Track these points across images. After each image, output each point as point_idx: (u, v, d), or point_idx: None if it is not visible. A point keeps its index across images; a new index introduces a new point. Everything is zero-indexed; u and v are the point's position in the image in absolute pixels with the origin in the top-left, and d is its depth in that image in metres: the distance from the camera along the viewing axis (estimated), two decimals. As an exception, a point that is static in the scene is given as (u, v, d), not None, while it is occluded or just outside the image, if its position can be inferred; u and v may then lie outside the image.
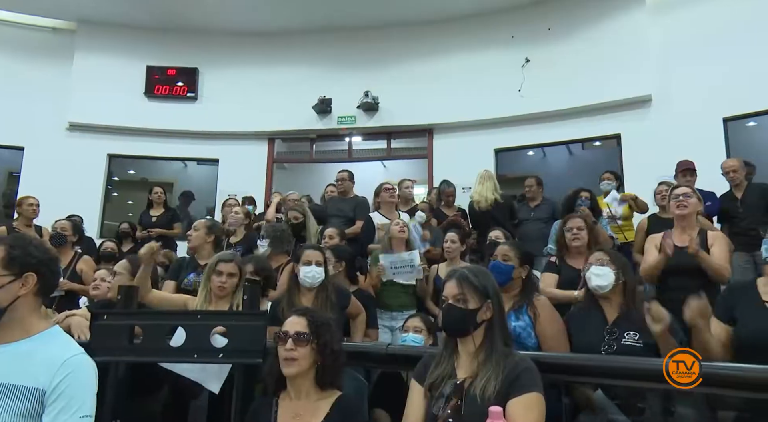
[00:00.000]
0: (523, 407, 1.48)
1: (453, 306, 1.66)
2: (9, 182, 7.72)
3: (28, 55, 7.38)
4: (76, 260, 4.17)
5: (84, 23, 7.45)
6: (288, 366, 1.71)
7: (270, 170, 7.72)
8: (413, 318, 2.84)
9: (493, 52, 7.09)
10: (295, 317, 1.82)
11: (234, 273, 2.65)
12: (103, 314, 2.16)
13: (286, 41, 7.72)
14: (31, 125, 7.16)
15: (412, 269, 3.62)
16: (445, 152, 7.25)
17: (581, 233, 3.08)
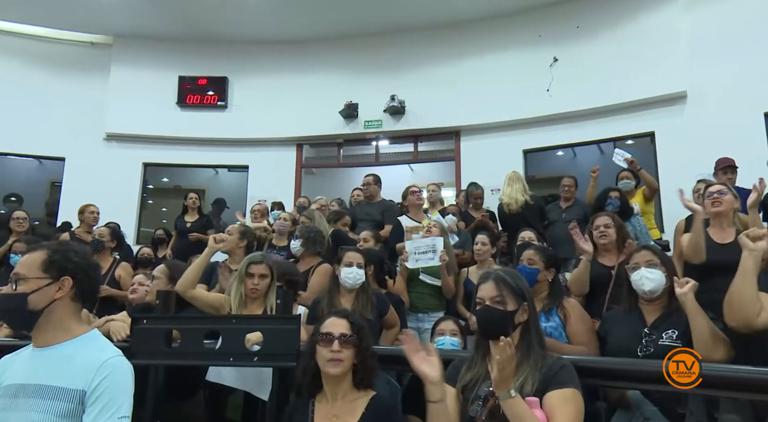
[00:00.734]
0: (561, 400, 1.48)
1: (491, 308, 1.65)
2: (52, 192, 8.05)
3: (68, 70, 7.69)
4: (114, 267, 4.30)
5: (120, 37, 7.72)
6: (334, 367, 1.74)
7: (298, 176, 7.82)
8: (447, 321, 2.81)
9: (520, 52, 7.02)
10: (337, 318, 1.85)
11: (265, 274, 2.69)
12: (142, 319, 2.23)
13: (313, 48, 7.83)
14: (72, 136, 7.45)
15: (433, 255, 3.60)
16: (472, 154, 7.21)
17: (608, 231, 3.02)
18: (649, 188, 4.89)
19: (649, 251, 2.29)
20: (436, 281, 3.73)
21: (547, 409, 1.47)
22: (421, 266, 3.62)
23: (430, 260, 3.58)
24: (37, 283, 1.42)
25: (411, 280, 3.73)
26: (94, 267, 1.54)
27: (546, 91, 6.68)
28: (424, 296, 3.72)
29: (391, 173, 7.35)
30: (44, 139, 7.39)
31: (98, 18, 7.24)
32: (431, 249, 3.59)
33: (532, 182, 6.95)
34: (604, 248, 3.04)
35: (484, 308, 1.66)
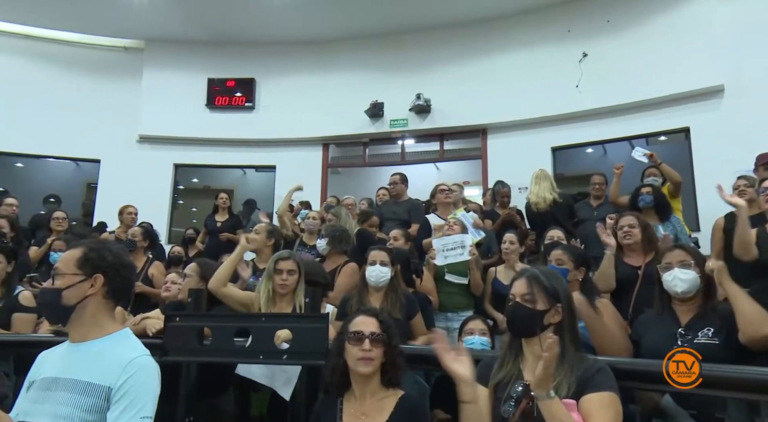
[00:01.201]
0: (598, 404, 1.44)
1: (520, 305, 1.63)
2: (88, 193, 8.31)
3: (103, 74, 7.92)
4: (147, 265, 4.42)
5: (151, 41, 7.92)
6: (365, 366, 1.74)
7: (325, 175, 7.87)
8: (475, 321, 2.79)
9: (548, 48, 6.90)
10: (366, 317, 1.85)
11: (293, 270, 2.73)
12: (175, 316, 2.28)
13: (338, 48, 7.87)
14: (106, 138, 7.67)
15: (462, 251, 3.57)
16: (499, 152, 7.13)
17: (633, 231, 2.96)
18: (672, 183, 4.72)
19: (682, 251, 2.22)
20: (462, 279, 3.70)
21: (584, 413, 1.43)
22: (450, 262, 3.60)
23: (459, 255, 3.56)
24: (71, 279, 1.47)
25: (437, 280, 3.70)
26: (127, 266, 1.56)
27: (575, 87, 6.55)
28: (453, 296, 3.68)
29: (416, 172, 7.32)
30: (80, 142, 7.62)
31: (131, 23, 7.44)
32: (460, 245, 3.56)
33: (561, 180, 6.82)
34: (629, 249, 2.98)
35: (513, 305, 1.64)
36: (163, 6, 6.97)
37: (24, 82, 7.55)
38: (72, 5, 7.04)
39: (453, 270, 3.68)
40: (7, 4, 7.07)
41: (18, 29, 7.61)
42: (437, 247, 3.64)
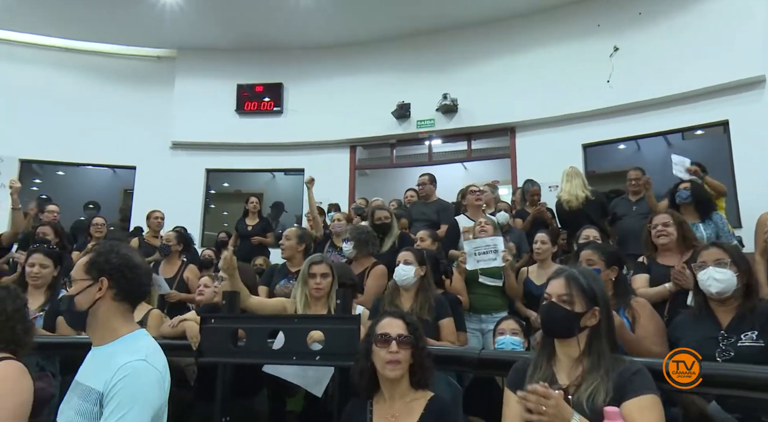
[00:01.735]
0: (640, 409, 1.40)
1: (556, 305, 1.58)
2: (124, 198, 8.59)
3: (137, 83, 8.17)
4: (183, 269, 4.53)
5: (183, 50, 8.13)
6: (393, 369, 1.74)
7: (352, 177, 7.92)
8: (507, 320, 2.76)
9: (577, 43, 6.78)
10: (392, 319, 1.84)
11: (327, 273, 2.76)
12: (210, 318, 2.33)
13: (364, 50, 7.91)
14: (141, 145, 7.91)
15: (495, 255, 3.49)
16: (528, 151, 7.03)
17: (667, 229, 2.85)
18: (716, 193, 4.47)
19: (719, 249, 2.12)
20: (496, 282, 3.64)
21: (627, 419, 1.38)
22: (482, 267, 3.53)
23: (492, 260, 3.48)
24: (81, 284, 1.48)
25: (470, 282, 3.65)
26: (133, 267, 1.51)
27: (606, 83, 6.41)
28: (486, 297, 3.62)
29: (444, 172, 7.28)
30: (117, 149, 7.88)
31: (163, 33, 7.66)
32: (492, 249, 3.49)
33: (593, 178, 6.68)
34: (664, 248, 2.88)
35: (549, 305, 1.59)
36: (193, 15, 7.15)
37: (63, 94, 7.85)
38: (108, 18, 7.29)
39: (487, 272, 3.63)
40: (48, 19, 7.37)
41: (58, 43, 7.93)
42: (468, 250, 3.58)
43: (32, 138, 7.44)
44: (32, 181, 8.29)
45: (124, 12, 7.11)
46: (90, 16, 7.27)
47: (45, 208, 5.35)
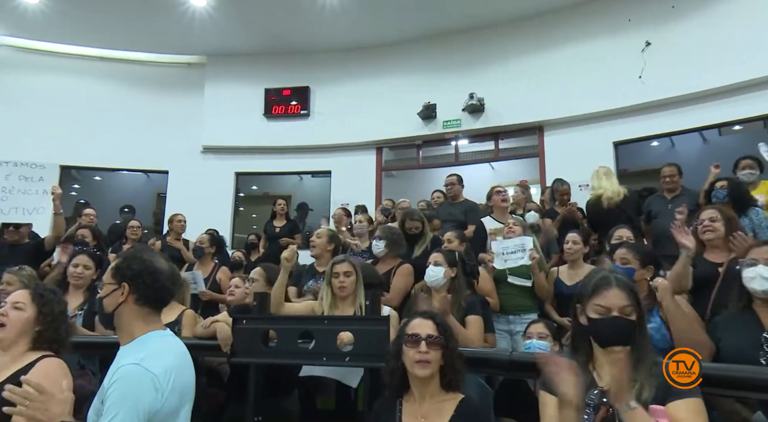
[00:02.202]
0: (688, 411, 1.37)
1: (621, 319, 1.50)
2: (158, 202, 8.82)
3: (168, 90, 8.39)
4: (215, 271, 4.63)
5: (212, 56, 8.31)
6: (422, 369, 1.74)
7: (379, 179, 7.94)
8: (536, 324, 2.73)
9: (607, 39, 6.63)
10: (422, 319, 1.85)
11: (349, 272, 2.78)
12: (242, 319, 2.38)
13: (389, 52, 7.92)
14: (173, 150, 8.11)
15: (523, 255, 3.46)
16: (557, 150, 6.91)
17: (714, 225, 2.75)
18: None
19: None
20: (525, 282, 3.60)
21: (673, 420, 1.36)
22: (510, 266, 3.51)
23: (519, 259, 3.47)
24: (108, 288, 1.55)
25: (499, 282, 3.62)
26: (152, 272, 1.54)
27: (638, 79, 6.25)
28: (514, 297, 3.59)
29: (471, 173, 7.23)
30: (150, 154, 8.10)
31: (193, 40, 7.84)
32: (520, 249, 3.47)
33: (624, 177, 6.53)
34: (711, 244, 2.78)
35: (613, 319, 1.50)
36: (222, 22, 7.30)
37: (100, 102, 8.12)
38: (141, 27, 7.52)
39: (516, 272, 3.59)
40: (85, 30, 7.64)
41: (94, 52, 8.21)
42: (496, 250, 3.57)
43: (71, 145, 7.71)
44: (71, 186, 8.61)
45: (156, 21, 7.31)
46: (124, 25, 7.51)
47: (82, 212, 5.55)
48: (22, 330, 1.79)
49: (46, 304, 1.86)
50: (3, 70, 7.89)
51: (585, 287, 1.60)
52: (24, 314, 1.81)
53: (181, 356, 1.56)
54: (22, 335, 1.79)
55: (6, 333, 1.77)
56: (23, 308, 1.82)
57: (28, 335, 1.81)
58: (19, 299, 1.84)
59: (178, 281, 1.65)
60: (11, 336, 1.77)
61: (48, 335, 1.83)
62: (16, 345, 1.78)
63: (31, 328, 1.81)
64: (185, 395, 1.51)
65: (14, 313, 1.80)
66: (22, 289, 1.92)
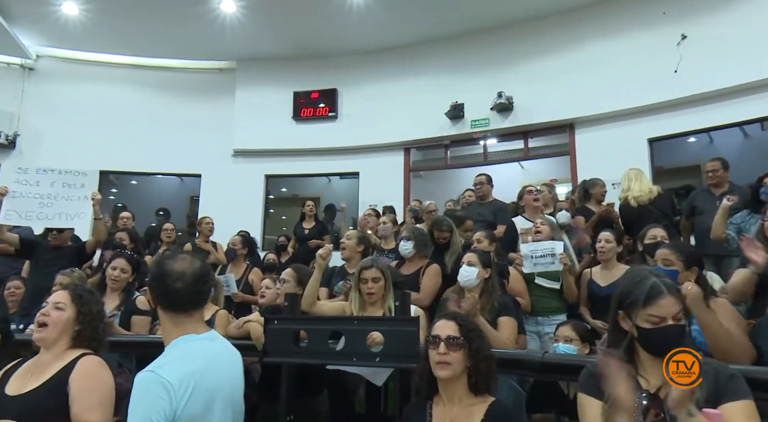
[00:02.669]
0: (743, 413, 1.34)
1: (676, 326, 1.45)
2: (191, 205, 9.05)
3: (200, 95, 8.59)
4: (248, 272, 4.72)
5: (242, 61, 8.46)
6: (441, 370, 1.73)
7: (407, 179, 7.93)
8: (563, 327, 2.68)
9: (641, 33, 6.44)
10: (445, 320, 1.83)
11: (378, 277, 2.79)
12: (273, 320, 2.41)
13: (416, 53, 7.91)
14: (205, 154, 8.30)
15: (553, 260, 3.40)
16: (589, 147, 6.76)
17: None
18: None
19: None
20: (553, 284, 3.54)
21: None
22: (539, 270, 3.47)
23: (550, 264, 3.41)
24: (147, 293, 1.63)
25: (527, 283, 3.58)
26: (163, 277, 1.54)
27: (673, 73, 6.05)
28: (543, 299, 3.54)
29: (500, 172, 7.15)
30: (183, 158, 8.30)
31: (224, 46, 8.00)
32: (550, 253, 3.41)
33: (660, 174, 6.35)
34: None
35: (667, 328, 1.45)
36: (251, 28, 7.44)
37: (134, 108, 8.37)
38: (173, 34, 7.73)
39: (544, 274, 3.54)
40: (120, 39, 7.90)
41: (129, 61, 8.48)
42: (525, 253, 3.52)
43: (109, 150, 7.97)
44: (109, 190, 8.91)
45: (188, 28, 7.50)
46: (158, 34, 7.73)
47: (119, 215, 5.74)
48: (63, 329, 1.87)
49: (85, 304, 1.93)
50: (46, 80, 8.23)
51: (630, 295, 1.52)
52: (65, 314, 1.89)
53: (210, 360, 1.52)
54: (63, 334, 1.87)
55: (48, 332, 1.84)
56: (64, 308, 1.89)
57: (69, 334, 1.88)
58: (59, 300, 1.91)
59: (202, 284, 1.57)
60: (53, 335, 1.85)
61: (87, 334, 1.90)
62: (57, 343, 1.85)
63: (71, 327, 1.88)
64: (214, 399, 1.48)
65: (55, 313, 1.88)
66: (61, 290, 2.00)
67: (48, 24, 7.36)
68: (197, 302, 1.58)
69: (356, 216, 7.81)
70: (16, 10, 7.13)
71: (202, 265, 1.61)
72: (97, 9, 7.06)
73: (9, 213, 4.11)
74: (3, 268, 4.83)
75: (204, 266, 1.62)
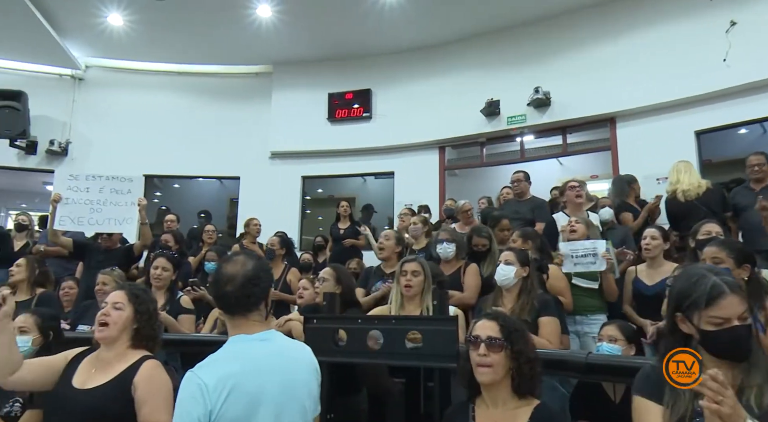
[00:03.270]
0: None
1: (742, 326, 1.38)
2: (231, 207, 9.28)
3: (238, 100, 8.79)
4: (285, 272, 4.80)
5: (278, 65, 8.61)
6: (481, 373, 1.69)
7: (442, 178, 7.88)
8: (608, 326, 2.60)
9: (686, 21, 6.17)
10: (486, 321, 1.79)
11: (417, 271, 2.79)
12: (312, 319, 2.44)
13: (450, 50, 7.85)
14: (244, 157, 8.49)
15: (594, 259, 3.28)
16: (631, 142, 6.53)
17: None
18: None
19: None
20: (591, 284, 3.42)
21: None
22: (580, 270, 3.35)
23: (591, 264, 3.29)
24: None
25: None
26: (217, 280, 1.59)
27: (722, 62, 5.77)
28: (581, 298, 3.42)
29: (538, 169, 7.01)
30: (223, 161, 8.52)
31: (261, 51, 8.17)
32: (591, 252, 3.30)
33: (709, 168, 6.08)
34: None
35: (732, 330, 1.37)
36: (286, 32, 7.56)
37: (176, 114, 8.66)
38: (211, 41, 7.94)
39: (582, 274, 3.43)
40: (162, 47, 8.19)
41: (170, 68, 8.77)
42: (565, 252, 3.41)
43: (153, 155, 8.27)
44: (154, 194, 9.24)
45: (225, 34, 7.69)
46: (197, 41, 7.97)
47: (165, 218, 5.93)
48: (123, 328, 1.93)
49: (141, 303, 2.00)
50: (94, 89, 8.61)
51: (689, 296, 1.43)
52: (124, 314, 1.95)
53: (255, 361, 1.50)
54: (123, 333, 1.93)
55: (110, 331, 1.91)
56: (122, 307, 1.96)
57: (128, 332, 1.94)
58: (118, 300, 1.97)
59: (252, 287, 1.56)
60: (114, 334, 1.91)
61: (145, 332, 1.97)
62: (118, 342, 1.92)
63: (130, 326, 1.95)
64: (259, 402, 1.44)
65: (116, 313, 1.94)
66: (117, 289, 2.06)
67: (95, 35, 7.69)
68: (246, 305, 1.56)
69: (391, 216, 7.84)
70: (66, 24, 7.49)
71: (254, 267, 1.59)
72: (140, 20, 7.34)
73: (63, 219, 4.31)
74: (58, 269, 5.09)
75: (256, 269, 1.59)
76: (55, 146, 8.05)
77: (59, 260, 5.05)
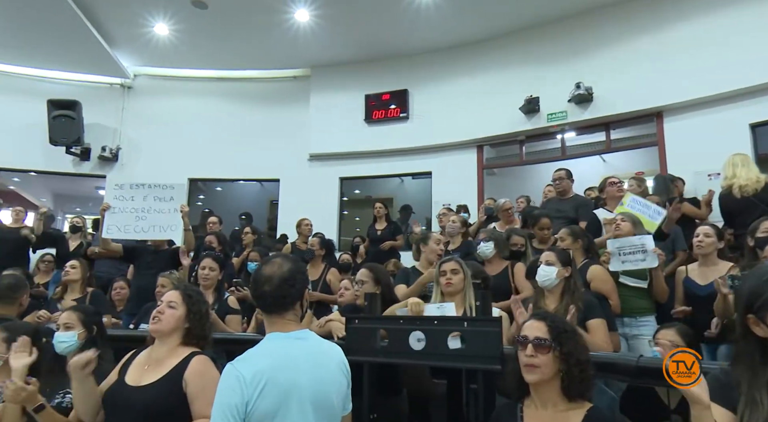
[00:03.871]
0: None
1: None
2: (271, 209, 9.46)
3: (277, 103, 8.97)
4: (325, 272, 4.86)
5: (315, 68, 8.72)
6: (529, 373, 1.66)
7: (480, 177, 7.78)
8: (667, 331, 2.47)
9: (738, 9, 5.87)
10: (535, 321, 1.76)
11: (456, 269, 2.80)
12: (354, 319, 2.46)
13: (487, 48, 7.75)
14: (283, 159, 8.64)
15: (644, 256, 3.14)
16: (679, 137, 6.26)
17: None
18: None
19: None
20: (640, 283, 3.29)
21: None
22: (629, 268, 3.23)
23: (640, 261, 3.16)
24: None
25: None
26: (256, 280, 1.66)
27: (778, 50, 5.47)
28: (628, 299, 3.30)
29: (580, 167, 6.81)
30: (263, 164, 8.70)
31: (298, 54, 8.30)
32: (640, 249, 3.17)
33: (765, 162, 5.74)
34: None
35: None
36: (323, 35, 7.65)
37: (218, 119, 8.91)
38: (251, 46, 8.13)
39: (630, 272, 3.30)
40: (203, 54, 8.45)
41: (212, 74, 9.05)
42: (612, 250, 3.29)
43: (196, 159, 8.56)
44: (198, 197, 9.54)
45: (264, 39, 7.86)
46: (237, 47, 8.17)
47: (207, 220, 6.11)
48: (176, 326, 2.02)
49: (194, 303, 2.08)
50: (141, 97, 8.98)
51: (762, 296, 1.32)
52: (177, 312, 2.03)
53: (289, 358, 1.55)
54: (175, 330, 2.02)
55: (162, 325, 2.00)
56: (176, 307, 2.04)
57: (180, 330, 2.02)
58: (172, 299, 2.07)
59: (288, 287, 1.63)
60: (166, 330, 2.00)
61: (196, 331, 2.05)
62: (170, 338, 2.01)
63: (182, 324, 2.03)
64: (290, 397, 1.49)
65: (169, 311, 2.03)
66: (173, 290, 2.15)
67: (142, 45, 8.02)
68: (283, 305, 1.63)
69: (429, 216, 7.80)
70: (116, 35, 7.84)
71: (291, 268, 1.66)
72: (184, 29, 7.60)
73: (110, 228, 4.47)
74: (111, 270, 5.33)
75: (292, 270, 1.65)
76: (107, 152, 8.43)
77: (112, 261, 5.28)
